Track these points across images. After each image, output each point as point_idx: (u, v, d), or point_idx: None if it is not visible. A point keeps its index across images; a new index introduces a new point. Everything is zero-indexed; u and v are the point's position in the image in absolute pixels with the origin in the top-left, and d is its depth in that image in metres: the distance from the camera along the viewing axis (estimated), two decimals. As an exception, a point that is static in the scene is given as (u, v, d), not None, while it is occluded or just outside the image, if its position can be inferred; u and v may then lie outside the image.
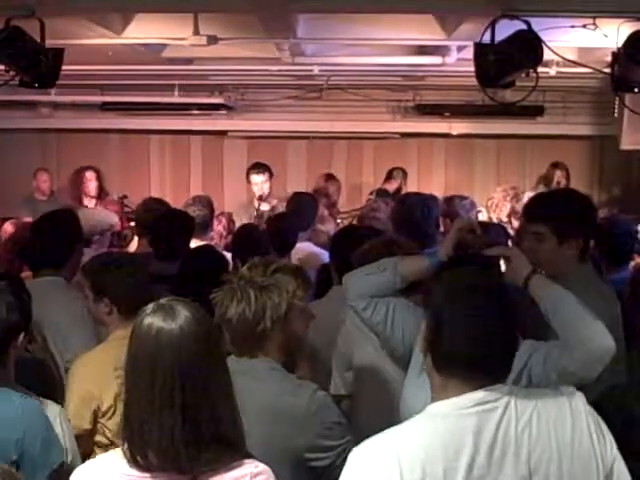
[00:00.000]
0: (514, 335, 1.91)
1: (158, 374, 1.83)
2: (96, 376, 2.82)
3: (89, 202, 8.13)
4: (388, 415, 2.52)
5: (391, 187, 8.12)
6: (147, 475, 1.84)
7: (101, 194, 8.23)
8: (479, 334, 1.84)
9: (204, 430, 1.83)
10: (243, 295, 2.36)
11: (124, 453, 1.87)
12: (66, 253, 3.71)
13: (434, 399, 1.90)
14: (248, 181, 7.04)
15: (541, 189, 7.70)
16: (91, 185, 8.25)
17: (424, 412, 1.88)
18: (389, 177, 8.36)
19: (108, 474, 1.88)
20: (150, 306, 1.91)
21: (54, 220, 3.91)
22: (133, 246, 5.51)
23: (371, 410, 2.94)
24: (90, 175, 8.24)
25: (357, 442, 1.94)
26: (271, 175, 7.01)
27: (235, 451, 1.88)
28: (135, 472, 1.85)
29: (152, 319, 1.87)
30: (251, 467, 1.88)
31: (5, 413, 2.27)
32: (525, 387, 2.14)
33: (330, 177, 7.91)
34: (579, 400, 1.91)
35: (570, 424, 1.85)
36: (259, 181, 6.88)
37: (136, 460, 1.84)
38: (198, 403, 1.84)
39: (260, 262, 2.45)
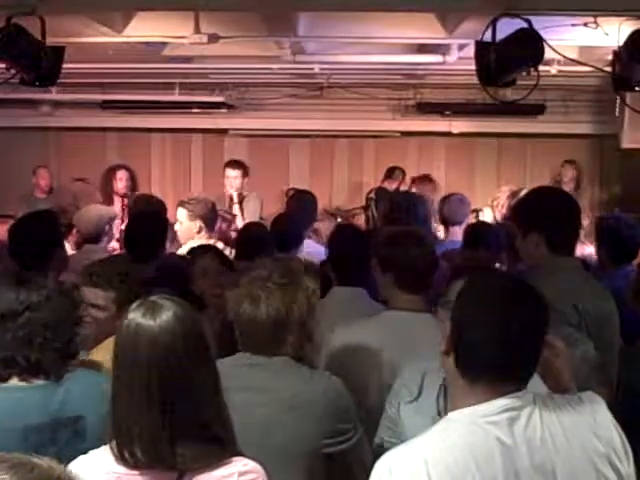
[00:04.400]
0: (543, 339, 1.87)
1: (135, 371, 1.85)
2: None
3: (118, 201, 7.95)
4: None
5: (391, 186, 8.11)
6: (135, 472, 1.84)
7: (131, 193, 8.01)
8: (512, 336, 1.79)
9: (186, 427, 1.84)
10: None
11: (112, 450, 1.87)
12: (45, 253, 3.71)
13: (455, 406, 1.85)
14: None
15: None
16: (120, 185, 8.15)
17: (447, 419, 1.84)
18: (389, 176, 8.35)
19: (97, 472, 1.88)
20: (136, 303, 1.93)
21: (30, 220, 3.95)
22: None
23: None
24: (121, 174, 8.14)
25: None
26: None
27: (223, 449, 1.88)
28: (123, 469, 1.85)
29: (134, 315, 1.89)
30: (239, 465, 1.88)
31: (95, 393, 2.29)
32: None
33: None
34: (603, 410, 1.88)
35: (593, 435, 1.82)
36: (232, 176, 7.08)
37: (124, 457, 1.84)
38: (177, 400, 1.84)
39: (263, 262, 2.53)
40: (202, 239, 5.03)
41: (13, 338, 2.28)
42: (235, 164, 7.20)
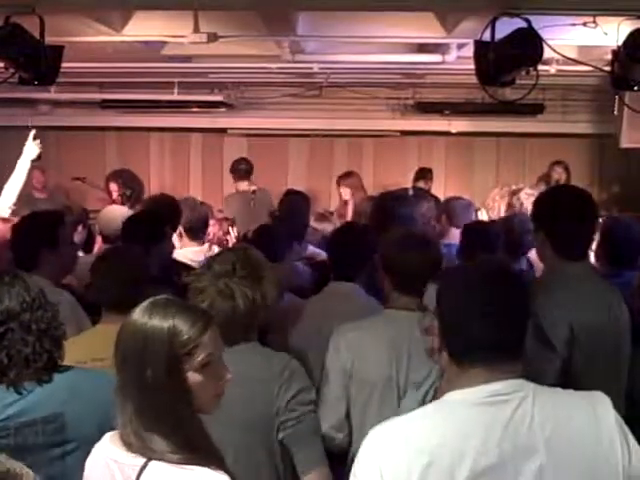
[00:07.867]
0: (527, 318, 1.89)
1: (123, 365, 1.91)
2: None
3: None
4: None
5: (427, 186, 8.11)
6: (117, 456, 1.90)
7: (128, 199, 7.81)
8: (493, 314, 1.83)
9: (153, 424, 1.86)
10: None
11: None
12: (32, 255, 3.57)
13: (450, 388, 1.88)
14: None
15: (542, 187, 7.68)
16: (115, 195, 7.92)
17: (438, 401, 1.88)
18: (424, 176, 8.29)
19: (96, 455, 1.99)
20: (146, 302, 1.95)
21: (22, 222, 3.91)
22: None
23: None
24: (113, 187, 7.88)
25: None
26: None
27: (192, 457, 1.86)
28: (113, 455, 1.91)
29: (136, 314, 1.93)
30: (200, 476, 1.85)
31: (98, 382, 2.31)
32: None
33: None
34: (607, 407, 1.85)
35: (592, 431, 1.80)
36: None
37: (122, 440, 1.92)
38: (135, 397, 1.88)
39: None
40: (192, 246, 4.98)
41: (37, 330, 2.29)
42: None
